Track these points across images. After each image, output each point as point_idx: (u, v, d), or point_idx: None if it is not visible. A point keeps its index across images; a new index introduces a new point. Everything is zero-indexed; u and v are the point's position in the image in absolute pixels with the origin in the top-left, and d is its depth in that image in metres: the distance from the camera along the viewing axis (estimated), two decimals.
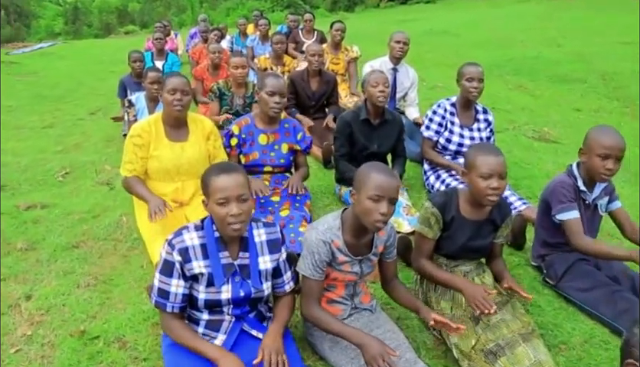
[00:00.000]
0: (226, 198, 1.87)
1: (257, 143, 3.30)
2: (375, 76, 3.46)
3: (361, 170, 2.08)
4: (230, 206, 1.87)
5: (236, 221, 1.88)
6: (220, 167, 1.98)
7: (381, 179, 1.98)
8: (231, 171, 1.93)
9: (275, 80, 3.19)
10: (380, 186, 1.97)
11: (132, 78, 5.41)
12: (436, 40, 13.26)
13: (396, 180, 2.03)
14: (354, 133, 3.52)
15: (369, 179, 2.00)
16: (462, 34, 14.67)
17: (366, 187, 1.99)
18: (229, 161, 2.10)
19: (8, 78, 8.94)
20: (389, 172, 2.03)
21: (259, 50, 7.27)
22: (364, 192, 1.99)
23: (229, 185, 1.88)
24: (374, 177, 1.99)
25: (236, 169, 1.98)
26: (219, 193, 1.88)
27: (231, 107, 4.51)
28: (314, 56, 4.67)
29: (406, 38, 4.81)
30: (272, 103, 3.16)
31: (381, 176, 1.99)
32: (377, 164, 2.11)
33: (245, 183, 1.94)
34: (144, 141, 2.93)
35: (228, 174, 1.91)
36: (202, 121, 3.13)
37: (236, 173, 1.94)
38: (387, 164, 3.76)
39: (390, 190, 1.98)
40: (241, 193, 1.90)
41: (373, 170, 2.02)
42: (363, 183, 2.01)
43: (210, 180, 1.92)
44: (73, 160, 4.53)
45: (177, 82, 2.91)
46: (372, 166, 2.06)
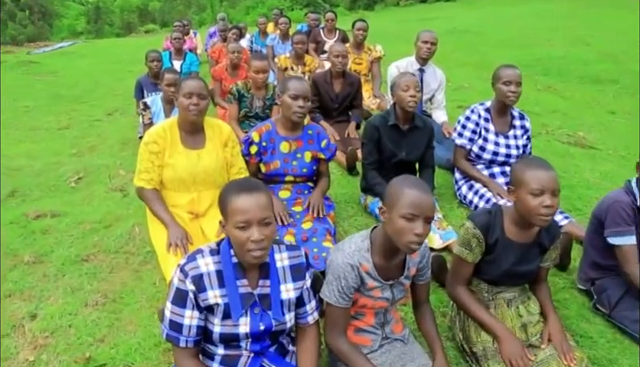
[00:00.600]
0: (246, 221, 1.66)
1: (279, 151, 3.09)
2: (406, 79, 3.22)
3: (393, 185, 1.85)
4: (251, 231, 1.66)
5: (257, 247, 1.66)
6: (241, 185, 1.75)
7: (415, 195, 1.75)
8: (253, 190, 1.70)
9: (298, 83, 2.97)
10: (414, 203, 1.75)
11: (149, 78, 5.24)
12: (459, 39, 12.90)
13: (431, 196, 1.80)
14: (381, 139, 3.28)
15: (402, 195, 1.77)
16: (484, 32, 14.29)
17: (399, 205, 1.77)
18: (250, 178, 1.87)
19: (28, 77, 8.92)
20: (424, 187, 1.80)
21: (280, 50, 7.06)
22: (397, 210, 1.77)
23: (250, 207, 1.66)
24: (408, 193, 1.76)
25: (259, 188, 1.75)
26: (239, 216, 1.66)
27: (250, 109, 4.30)
28: (337, 57, 4.43)
29: (434, 38, 4.55)
30: (295, 107, 2.94)
31: (415, 192, 1.76)
32: (409, 178, 1.88)
33: (268, 205, 1.72)
34: (160, 147, 2.74)
35: (249, 194, 1.69)
36: (219, 127, 2.92)
37: (259, 193, 1.71)
38: (415, 173, 3.52)
39: (425, 208, 1.75)
40: (264, 216, 1.68)
41: (406, 185, 1.79)
42: (395, 199, 1.79)
43: (229, 199, 1.70)
44: (88, 163, 4.37)
45: (194, 86, 2.70)
46: (405, 181, 1.83)
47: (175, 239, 2.53)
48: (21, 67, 10.06)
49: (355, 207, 3.51)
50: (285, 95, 2.96)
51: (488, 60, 9.87)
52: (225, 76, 5.49)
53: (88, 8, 50.85)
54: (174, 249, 2.50)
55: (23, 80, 8.66)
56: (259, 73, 4.12)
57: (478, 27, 15.24)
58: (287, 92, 2.95)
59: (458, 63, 9.55)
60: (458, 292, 2.21)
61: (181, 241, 2.53)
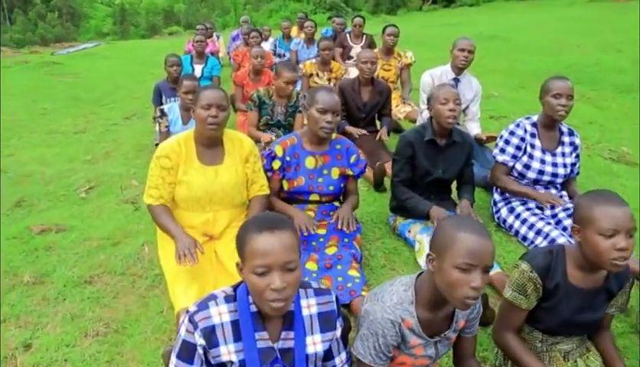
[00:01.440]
0: (266, 266, 1.37)
1: (304, 167, 2.81)
2: (445, 91, 2.91)
3: (444, 227, 1.55)
4: (272, 277, 1.37)
5: (278, 297, 1.37)
6: (262, 221, 1.45)
7: (473, 241, 1.45)
8: (276, 228, 1.41)
9: (327, 96, 2.69)
10: (471, 251, 1.44)
11: (168, 83, 5.02)
12: (486, 45, 12.45)
13: (491, 241, 1.49)
14: (416, 155, 2.98)
15: (456, 241, 1.47)
16: (512, 38, 13.84)
17: (452, 252, 1.46)
18: (274, 214, 1.56)
19: (49, 78, 8.83)
20: (481, 230, 1.49)
21: (304, 55, 6.81)
22: (450, 258, 1.46)
23: (272, 249, 1.38)
24: (463, 238, 1.46)
25: (284, 225, 1.45)
26: (257, 259, 1.38)
27: (272, 117, 4.04)
28: (366, 64, 4.15)
29: (472, 46, 4.22)
30: (323, 122, 2.67)
31: (473, 237, 1.46)
32: (464, 219, 1.58)
33: (294, 246, 1.43)
34: (172, 163, 2.49)
35: (272, 233, 1.40)
36: (240, 140, 2.65)
37: (283, 231, 1.42)
38: (450, 192, 3.21)
39: (484, 257, 1.45)
40: (287, 259, 1.39)
41: (461, 228, 1.49)
42: (447, 246, 1.48)
43: (248, 238, 1.42)
44: (100, 172, 4.16)
45: (213, 96, 2.45)
46: (459, 223, 1.53)
47: (184, 248, 2.27)
48: (44, 68, 10.00)
49: (383, 228, 3.21)
50: (313, 108, 2.69)
51: (517, 67, 9.49)
52: (247, 82, 5.25)
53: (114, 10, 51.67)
54: (183, 260, 2.24)
55: (44, 81, 8.57)
56: (289, 84, 3.87)
57: (505, 32, 14.82)
58: (315, 106, 2.68)
59: (486, 70, 9.14)
60: (507, 340, 1.90)
61: (189, 250, 2.26)
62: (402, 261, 2.84)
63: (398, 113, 5.24)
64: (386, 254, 2.92)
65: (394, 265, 2.80)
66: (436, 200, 3.09)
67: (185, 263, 2.22)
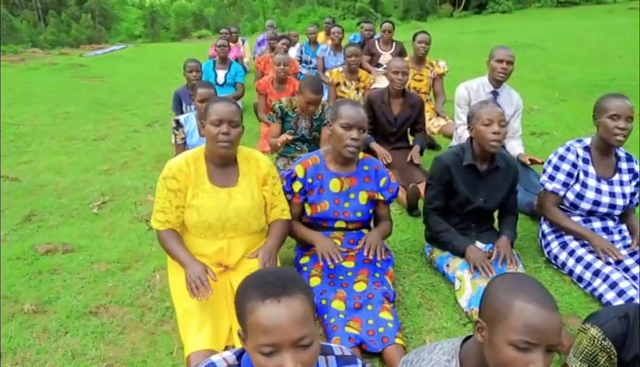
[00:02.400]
0: (275, 345, 1.08)
1: (328, 190, 2.55)
2: (488, 110, 2.61)
3: (496, 289, 1.26)
4: (282, 358, 1.08)
5: None
6: (266, 285, 1.13)
7: (533, 313, 1.16)
8: (284, 294, 1.10)
9: (352, 110, 2.42)
10: (531, 326, 1.15)
11: (188, 90, 4.82)
12: (522, 54, 11.98)
13: (557, 314, 1.19)
14: (454, 181, 2.68)
15: (512, 310, 1.18)
16: (549, 47, 13.36)
17: (506, 325, 1.17)
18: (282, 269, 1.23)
19: (74, 81, 8.79)
20: (544, 298, 1.19)
21: (331, 61, 6.55)
22: (504, 332, 1.18)
23: (280, 323, 1.08)
24: (521, 308, 1.17)
25: (293, 289, 1.13)
26: (263, 337, 1.08)
27: (295, 131, 3.78)
28: (397, 74, 3.86)
29: (511, 56, 3.89)
30: (347, 139, 2.40)
31: (533, 308, 1.16)
32: (521, 280, 1.27)
33: (308, 315, 1.12)
34: (180, 185, 2.26)
35: (278, 302, 1.09)
36: (257, 160, 2.41)
37: (293, 298, 1.11)
38: (492, 221, 2.90)
39: (548, 334, 1.16)
40: (300, 335, 1.09)
41: (519, 294, 1.19)
42: (500, 314, 1.19)
43: (249, 308, 1.12)
44: (116, 184, 3.97)
45: (224, 111, 2.21)
46: (516, 286, 1.23)
47: (194, 278, 2.05)
48: (70, 70, 10.01)
49: (419, 260, 2.92)
50: (336, 123, 2.43)
51: (556, 78, 9.04)
52: (270, 90, 5.02)
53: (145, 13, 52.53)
54: (196, 292, 2.03)
55: (69, 84, 8.53)
56: (311, 105, 3.60)
57: (541, 41, 14.34)
58: (338, 120, 2.42)
59: (523, 81, 8.74)
60: None
61: (200, 280, 2.05)
62: (440, 299, 2.55)
63: (432, 127, 4.94)
64: (423, 290, 2.62)
65: (431, 305, 2.51)
66: (476, 231, 2.80)
67: (199, 297, 2.00)
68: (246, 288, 1.16)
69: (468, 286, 2.50)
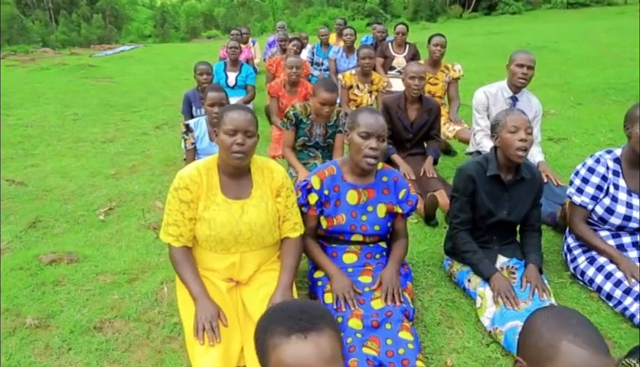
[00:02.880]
0: None
1: (345, 202, 2.42)
2: (514, 117, 2.48)
3: (540, 326, 1.12)
4: None
5: None
6: (291, 319, 1.03)
7: (584, 358, 1.03)
8: (311, 330, 1.00)
9: (371, 118, 2.29)
10: None
11: (199, 93, 4.72)
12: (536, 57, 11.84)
13: (609, 358, 1.06)
14: (477, 193, 2.55)
15: (559, 353, 1.05)
16: (561, 49, 13.14)
17: None
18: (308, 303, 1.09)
19: (83, 82, 8.73)
20: (595, 339, 1.06)
21: (343, 64, 6.43)
22: None
23: (309, 362, 0.96)
24: (570, 352, 1.05)
25: (321, 324, 1.02)
26: None
27: (309, 138, 3.65)
28: (413, 79, 3.73)
29: (532, 61, 3.75)
30: (366, 149, 2.27)
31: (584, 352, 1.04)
32: (567, 317, 1.13)
33: (336, 352, 1.01)
34: (193, 196, 2.14)
35: (305, 339, 0.99)
36: (271, 171, 2.29)
37: (321, 335, 1.00)
38: (514, 234, 2.75)
39: None
40: None
41: (566, 334, 1.07)
42: (545, 356, 1.07)
43: (272, 345, 1.01)
44: (124, 189, 3.87)
45: (239, 120, 2.09)
46: (562, 324, 1.09)
47: (203, 320, 1.95)
48: (80, 71, 9.96)
49: (437, 273, 2.79)
50: (354, 132, 2.30)
51: (571, 81, 8.84)
52: (283, 93, 4.91)
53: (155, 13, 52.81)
54: (201, 335, 1.91)
55: (79, 85, 8.47)
56: (325, 106, 3.45)
57: (553, 42, 14.12)
58: (357, 129, 2.29)
59: (538, 85, 8.56)
60: None
61: (211, 324, 1.94)
62: (461, 317, 2.41)
63: (447, 132, 4.80)
64: (443, 307, 2.49)
65: (452, 322, 2.38)
66: (498, 244, 2.67)
67: (203, 341, 1.90)
68: (267, 322, 1.04)
69: (490, 304, 2.37)
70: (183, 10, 53.03)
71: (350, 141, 2.34)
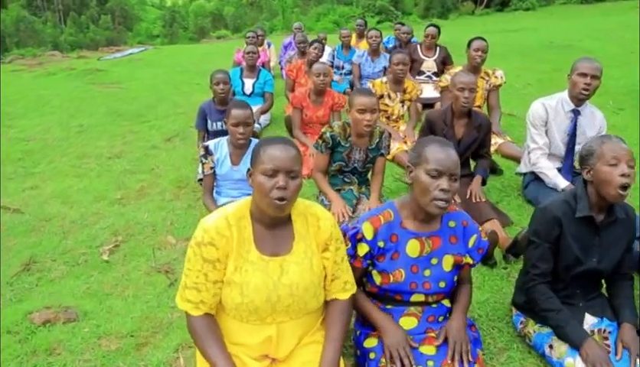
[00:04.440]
0: None
1: (404, 254, 1.94)
2: (613, 147, 2.00)
3: None
4: None
5: None
6: None
7: None
8: None
9: (443, 152, 1.81)
10: None
11: (215, 105, 4.25)
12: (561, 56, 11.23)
13: None
14: (563, 237, 2.07)
15: None
16: (586, 47, 12.51)
17: None
18: None
19: (90, 88, 8.31)
20: None
21: (368, 68, 5.93)
22: None
23: None
24: None
25: None
26: None
27: (347, 163, 3.16)
28: (463, 92, 3.23)
29: (597, 70, 3.26)
30: (435, 191, 1.79)
31: None
32: None
33: None
34: (220, 253, 1.68)
35: None
36: (317, 218, 1.81)
37: None
38: (600, 286, 2.26)
39: None
40: None
41: None
42: None
43: None
44: (131, 218, 3.41)
45: (282, 158, 1.65)
46: None
47: None
48: (87, 76, 9.56)
49: (506, 331, 2.30)
50: (420, 169, 1.83)
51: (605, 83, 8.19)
52: (307, 104, 4.42)
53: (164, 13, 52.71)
54: None
55: (85, 91, 8.04)
56: (366, 113, 2.94)
57: (576, 41, 13.55)
58: (423, 166, 1.82)
59: None
60: None
61: None
62: None
63: None
64: None
65: None
66: (583, 299, 2.18)
67: None
68: None
69: None
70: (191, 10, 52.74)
71: (414, 179, 1.86)
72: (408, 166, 1.91)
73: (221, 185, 3.15)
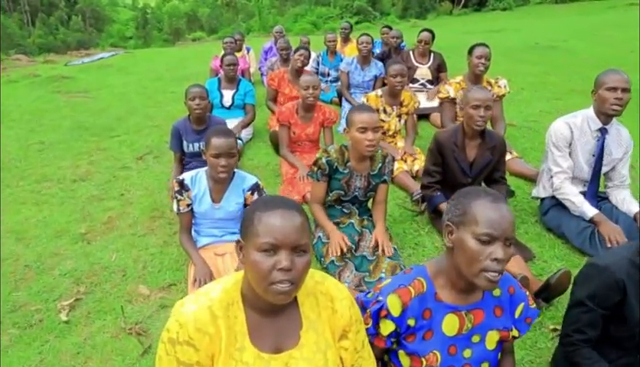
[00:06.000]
0: None
1: (440, 333, 1.53)
2: None
3: None
4: None
5: None
6: None
7: None
8: None
9: (496, 211, 1.40)
10: None
11: (190, 123, 3.77)
12: (548, 58, 11.05)
13: None
14: (627, 304, 1.69)
15: None
16: (574, 49, 12.36)
17: None
18: None
19: (55, 98, 7.69)
20: None
21: (357, 77, 5.51)
22: None
23: None
24: None
25: None
26: None
27: (346, 192, 2.74)
28: (478, 109, 2.84)
29: (627, 82, 2.93)
30: (487, 260, 1.39)
31: None
32: None
33: None
34: (200, 355, 1.25)
35: None
36: (330, 298, 1.40)
37: None
38: None
39: None
40: None
41: None
42: None
43: None
44: (95, 261, 2.92)
45: (283, 227, 1.23)
46: None
47: None
48: (52, 83, 8.91)
49: None
50: (467, 232, 1.42)
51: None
52: (295, 120, 3.98)
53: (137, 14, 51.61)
54: None
55: (49, 102, 7.43)
56: (367, 132, 2.53)
57: (561, 41, 13.40)
58: (471, 229, 1.41)
59: (564, 91, 7.76)
60: None
61: None
62: None
63: None
64: None
65: None
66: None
67: None
68: None
69: None
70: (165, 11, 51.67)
71: (456, 243, 1.45)
72: (447, 225, 1.49)
73: (200, 223, 2.69)
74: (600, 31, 15.31)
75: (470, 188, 1.50)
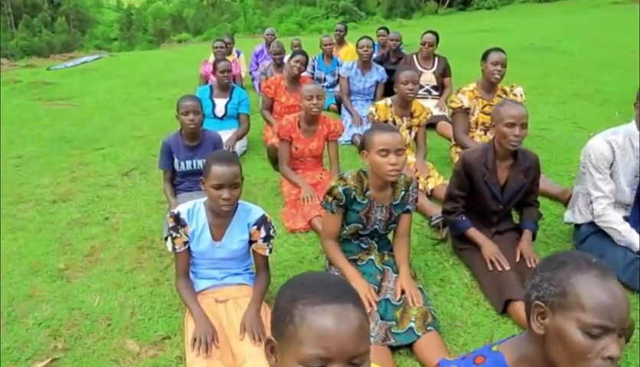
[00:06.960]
0: None
1: None
2: None
3: None
4: None
5: None
6: None
7: None
8: None
9: (608, 293, 1.05)
10: None
11: (183, 139, 3.39)
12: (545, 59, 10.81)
13: None
14: None
15: None
16: (569, 49, 12.17)
17: None
18: None
19: (35, 106, 7.25)
20: None
21: (358, 83, 5.16)
22: None
23: None
24: None
25: None
26: None
27: (365, 226, 2.38)
28: (513, 128, 2.51)
29: None
30: (597, 359, 1.04)
31: None
32: None
33: None
34: None
35: None
36: None
37: None
38: None
39: None
40: None
41: None
42: None
43: None
44: (76, 306, 2.53)
45: (346, 336, 0.90)
46: None
47: None
48: (33, 89, 8.46)
49: None
50: (571, 320, 1.09)
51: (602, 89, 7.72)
52: (297, 135, 3.63)
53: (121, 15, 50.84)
54: None
55: (29, 111, 6.99)
56: (389, 154, 2.18)
57: (555, 41, 13.21)
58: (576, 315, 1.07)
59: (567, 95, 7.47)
60: None
61: None
62: None
63: None
64: None
65: None
66: None
67: None
68: None
69: None
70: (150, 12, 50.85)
71: (553, 331, 1.13)
72: (537, 304, 1.14)
73: (198, 264, 2.31)
74: (589, 31, 15.15)
75: (565, 254, 1.16)
